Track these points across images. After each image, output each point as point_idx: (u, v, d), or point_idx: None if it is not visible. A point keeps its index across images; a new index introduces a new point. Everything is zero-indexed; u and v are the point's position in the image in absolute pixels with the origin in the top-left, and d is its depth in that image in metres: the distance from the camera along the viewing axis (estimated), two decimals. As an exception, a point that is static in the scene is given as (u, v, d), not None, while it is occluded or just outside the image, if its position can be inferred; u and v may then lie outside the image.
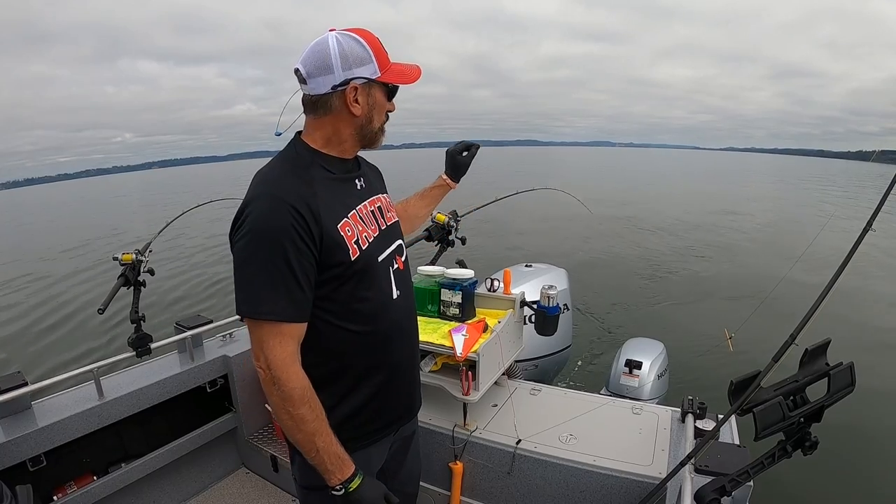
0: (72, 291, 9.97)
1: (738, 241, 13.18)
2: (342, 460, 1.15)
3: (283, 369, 1.08)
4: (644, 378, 3.14)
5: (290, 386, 1.08)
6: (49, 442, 1.98)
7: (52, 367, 6.18)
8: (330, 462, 1.13)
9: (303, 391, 1.10)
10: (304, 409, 1.09)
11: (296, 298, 1.09)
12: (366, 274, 1.20)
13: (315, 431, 1.11)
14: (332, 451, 1.13)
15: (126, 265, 2.31)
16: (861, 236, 1.29)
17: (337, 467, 1.14)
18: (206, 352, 2.60)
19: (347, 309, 1.19)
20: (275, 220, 1.06)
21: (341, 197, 1.21)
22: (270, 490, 2.60)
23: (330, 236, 1.12)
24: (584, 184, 27.70)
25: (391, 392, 1.32)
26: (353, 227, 1.18)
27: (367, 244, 1.21)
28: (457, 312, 2.14)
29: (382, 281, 1.26)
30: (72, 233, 19.98)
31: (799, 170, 69.35)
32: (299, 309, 1.10)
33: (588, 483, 1.84)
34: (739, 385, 1.21)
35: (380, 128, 1.26)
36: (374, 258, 1.23)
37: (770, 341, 1.34)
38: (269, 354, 1.07)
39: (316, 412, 1.11)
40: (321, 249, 1.11)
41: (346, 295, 1.18)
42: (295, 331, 1.11)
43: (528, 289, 2.50)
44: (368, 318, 1.22)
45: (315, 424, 1.11)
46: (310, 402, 1.11)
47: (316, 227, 1.09)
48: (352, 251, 1.16)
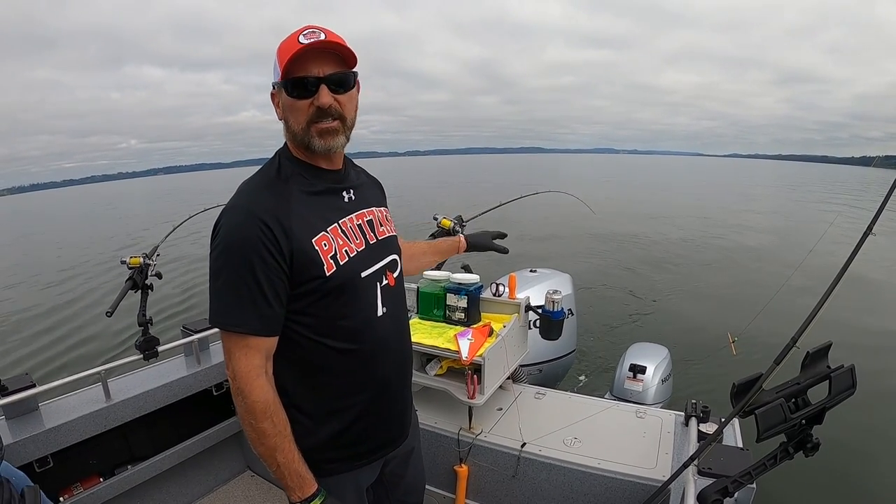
0: (80, 293, 10.04)
1: (741, 245, 13.16)
2: (303, 479, 1.13)
3: (247, 381, 1.06)
4: (648, 382, 3.14)
5: (252, 399, 1.06)
6: (56, 443, 2.00)
7: (60, 368, 6.21)
8: (290, 479, 1.11)
9: (265, 405, 1.07)
10: (265, 424, 1.07)
11: (263, 313, 1.06)
12: (344, 289, 1.15)
13: (276, 447, 1.09)
14: (292, 469, 1.11)
15: (134, 269, 2.30)
16: (861, 240, 1.30)
17: (297, 485, 1.12)
18: (212, 355, 2.62)
19: (327, 325, 1.15)
20: (244, 233, 1.05)
21: (320, 210, 1.16)
22: (276, 493, 2.61)
23: (302, 251, 1.08)
24: (588, 190, 27.66)
25: (379, 413, 1.28)
26: (332, 242, 1.14)
27: (347, 259, 1.16)
28: (462, 317, 2.15)
29: (366, 297, 1.21)
30: (80, 236, 20.10)
31: (802, 175, 69.20)
32: (266, 323, 1.08)
33: (592, 486, 1.85)
34: (741, 387, 1.22)
35: (304, 130, 1.12)
36: (356, 273, 1.18)
37: (772, 344, 1.35)
38: (234, 365, 1.07)
39: (278, 427, 1.09)
40: (292, 264, 1.08)
41: (323, 310, 1.14)
42: (262, 344, 1.09)
43: (533, 293, 2.52)
44: (350, 334, 1.18)
45: (276, 440, 1.09)
46: (272, 416, 1.08)
47: (286, 242, 1.06)
48: (327, 266, 1.11)
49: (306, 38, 1.06)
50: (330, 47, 1.09)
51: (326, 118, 1.11)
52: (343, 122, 1.15)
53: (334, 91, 1.10)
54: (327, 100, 1.09)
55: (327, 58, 1.10)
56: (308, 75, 1.08)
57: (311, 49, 1.06)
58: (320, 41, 1.06)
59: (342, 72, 1.11)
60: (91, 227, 25.24)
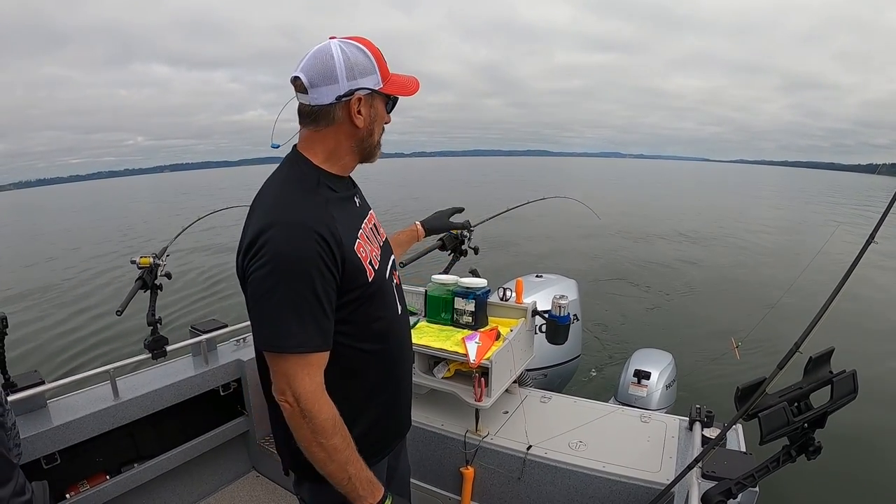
0: (90, 293, 10.09)
1: (746, 251, 13.15)
2: (373, 484, 1.12)
3: (314, 401, 1.03)
4: (652, 388, 3.15)
5: (322, 417, 1.03)
6: (64, 440, 2.01)
7: (69, 366, 6.25)
8: (362, 488, 1.09)
9: (334, 421, 1.05)
10: (336, 440, 1.05)
11: (323, 328, 1.05)
12: (379, 293, 1.19)
13: (347, 460, 1.07)
14: (363, 477, 1.10)
15: (144, 269, 2.32)
16: (864, 248, 1.31)
17: (369, 492, 1.10)
18: (220, 355, 2.64)
19: (363, 329, 1.17)
20: (300, 249, 1.01)
21: (350, 218, 1.17)
22: (281, 494, 2.62)
23: (350, 260, 1.09)
24: (593, 195, 27.63)
25: (397, 407, 1.31)
26: (365, 248, 1.15)
27: (379, 264, 1.19)
28: (470, 320, 2.17)
29: (390, 298, 1.26)
30: (90, 235, 20.16)
31: (808, 182, 68.91)
32: (326, 338, 1.07)
33: (597, 489, 1.86)
34: (745, 391, 1.24)
35: (378, 141, 1.21)
36: (384, 276, 1.22)
37: (775, 350, 1.37)
38: (297, 388, 1.02)
39: (347, 440, 1.08)
40: (343, 274, 1.08)
41: (363, 315, 1.15)
42: (322, 360, 1.07)
43: (539, 298, 2.53)
44: (380, 336, 1.21)
45: (347, 453, 1.07)
46: (341, 430, 1.07)
47: (339, 252, 1.06)
48: (368, 273, 1.13)
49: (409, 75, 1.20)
50: None
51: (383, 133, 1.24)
52: None
53: None
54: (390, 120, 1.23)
55: None
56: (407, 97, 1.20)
57: None
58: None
59: None
60: (104, 224, 25.26)
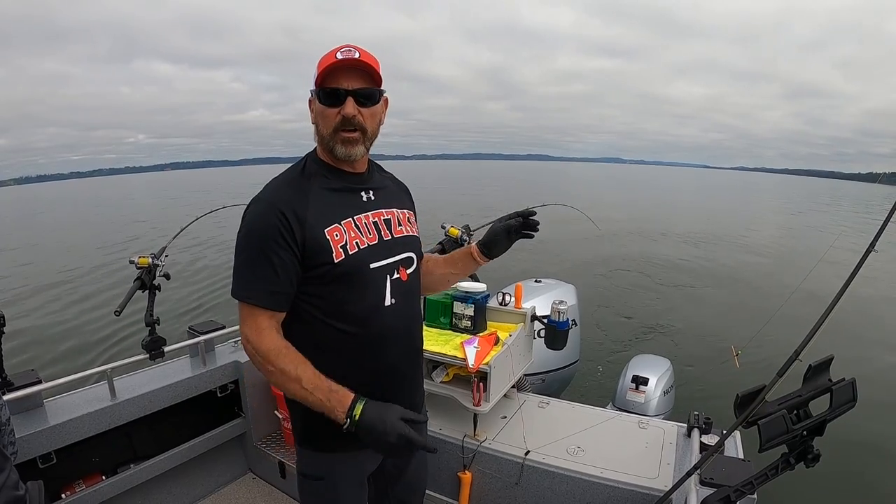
0: (88, 292, 10.08)
1: (746, 259, 13.17)
2: (336, 392, 1.17)
3: (258, 336, 1.18)
4: (650, 394, 3.15)
5: (265, 347, 1.18)
6: (60, 440, 2.00)
7: (66, 365, 6.18)
8: (326, 399, 1.15)
9: (277, 348, 1.18)
10: (282, 362, 1.17)
11: (272, 289, 1.19)
12: (352, 277, 1.25)
13: (300, 376, 1.16)
14: (323, 387, 1.16)
15: (142, 269, 2.31)
16: (864, 257, 1.32)
17: (336, 401, 1.15)
18: (217, 357, 2.63)
19: (335, 308, 1.25)
20: (264, 220, 1.19)
21: (337, 206, 1.27)
22: (277, 496, 2.61)
23: (314, 239, 1.20)
24: (593, 201, 27.66)
25: (385, 399, 1.27)
26: (344, 233, 1.25)
27: (357, 250, 1.26)
28: (469, 325, 2.17)
29: (374, 287, 1.29)
30: (89, 233, 20.14)
31: (808, 190, 69.01)
32: (275, 298, 1.21)
33: (595, 494, 1.86)
34: (745, 398, 1.24)
35: (328, 135, 1.24)
36: (365, 264, 1.27)
37: (775, 357, 1.37)
38: (247, 330, 1.20)
39: (296, 361, 1.18)
40: (304, 250, 1.20)
41: (331, 294, 1.25)
42: (269, 317, 1.21)
43: (538, 304, 2.53)
44: (357, 319, 1.27)
45: (297, 370, 1.16)
46: (287, 354, 1.18)
47: (300, 229, 1.19)
48: (335, 254, 1.22)
49: (342, 55, 1.19)
50: (361, 65, 1.20)
51: (350, 128, 1.23)
52: (364, 134, 1.26)
53: (360, 104, 1.22)
54: (351, 111, 1.21)
55: (358, 74, 1.21)
56: (339, 87, 1.20)
57: (344, 64, 1.19)
58: (353, 59, 1.19)
59: (369, 88, 1.23)
60: (101, 224, 25.22)
